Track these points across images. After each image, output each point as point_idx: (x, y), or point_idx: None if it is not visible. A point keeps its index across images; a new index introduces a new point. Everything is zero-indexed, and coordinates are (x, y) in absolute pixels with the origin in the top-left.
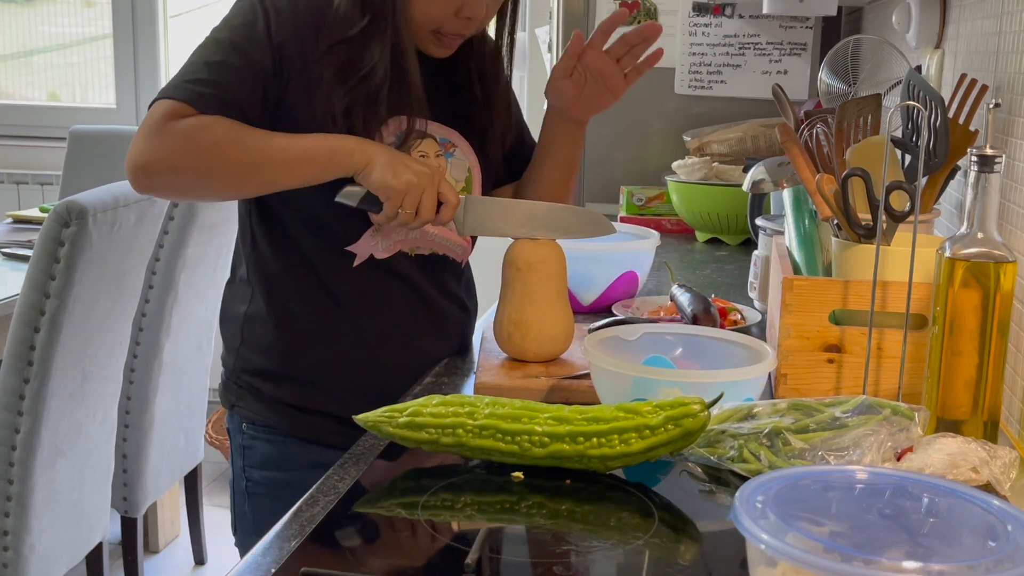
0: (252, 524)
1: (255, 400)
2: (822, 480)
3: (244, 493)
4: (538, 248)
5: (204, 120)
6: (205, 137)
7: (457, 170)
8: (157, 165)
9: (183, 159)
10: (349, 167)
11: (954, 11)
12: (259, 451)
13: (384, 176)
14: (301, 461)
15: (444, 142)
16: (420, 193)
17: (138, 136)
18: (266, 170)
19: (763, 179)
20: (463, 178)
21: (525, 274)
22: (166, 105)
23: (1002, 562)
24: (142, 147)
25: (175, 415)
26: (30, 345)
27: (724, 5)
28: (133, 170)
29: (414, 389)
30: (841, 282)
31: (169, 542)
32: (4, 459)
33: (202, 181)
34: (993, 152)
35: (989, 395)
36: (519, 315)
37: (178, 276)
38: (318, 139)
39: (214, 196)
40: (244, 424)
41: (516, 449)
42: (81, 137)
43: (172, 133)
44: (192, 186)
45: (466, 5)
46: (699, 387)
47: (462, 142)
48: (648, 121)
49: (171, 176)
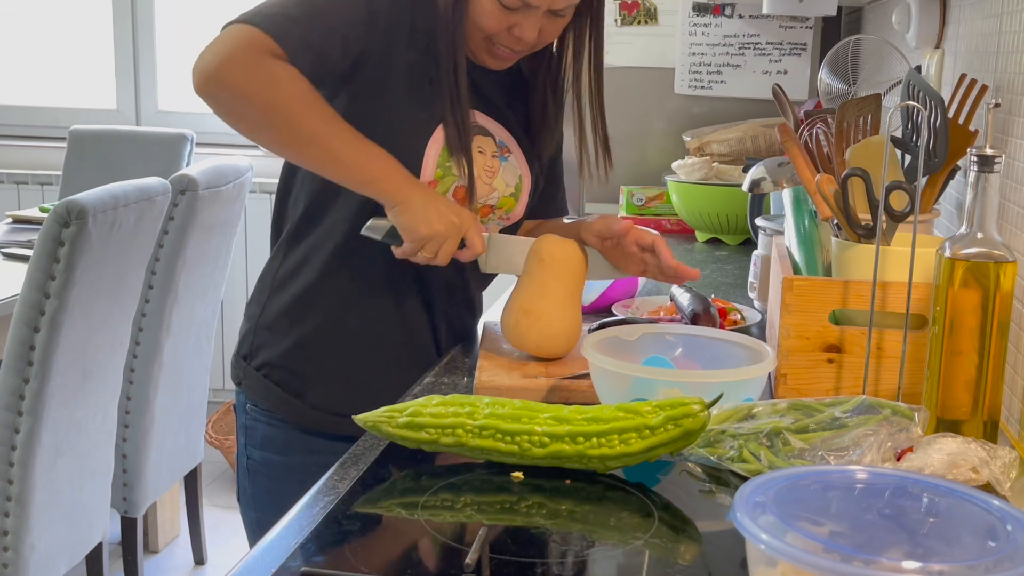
0: (252, 499)
1: (261, 383)
2: (822, 480)
3: (245, 469)
4: (564, 246)
5: (292, 74)
6: (285, 90)
7: (509, 175)
8: (230, 86)
9: (255, 97)
10: (384, 198)
11: (954, 11)
12: (260, 432)
13: (414, 221)
14: (299, 447)
15: (502, 145)
16: (442, 242)
17: (219, 47)
18: (316, 151)
19: (763, 179)
20: (514, 184)
21: (547, 266)
22: (252, 33)
23: (1002, 562)
24: (224, 58)
25: (175, 415)
26: (30, 345)
27: (724, 5)
28: (206, 76)
29: (414, 389)
30: (841, 282)
31: (169, 542)
32: (4, 459)
33: (257, 122)
34: (993, 152)
35: (989, 395)
36: (531, 304)
37: (178, 276)
38: (375, 155)
39: (256, 139)
40: (248, 405)
41: (516, 449)
42: (81, 137)
43: (259, 68)
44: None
45: (517, 25)
46: (699, 387)
47: (517, 150)
48: (648, 121)
49: (236, 101)
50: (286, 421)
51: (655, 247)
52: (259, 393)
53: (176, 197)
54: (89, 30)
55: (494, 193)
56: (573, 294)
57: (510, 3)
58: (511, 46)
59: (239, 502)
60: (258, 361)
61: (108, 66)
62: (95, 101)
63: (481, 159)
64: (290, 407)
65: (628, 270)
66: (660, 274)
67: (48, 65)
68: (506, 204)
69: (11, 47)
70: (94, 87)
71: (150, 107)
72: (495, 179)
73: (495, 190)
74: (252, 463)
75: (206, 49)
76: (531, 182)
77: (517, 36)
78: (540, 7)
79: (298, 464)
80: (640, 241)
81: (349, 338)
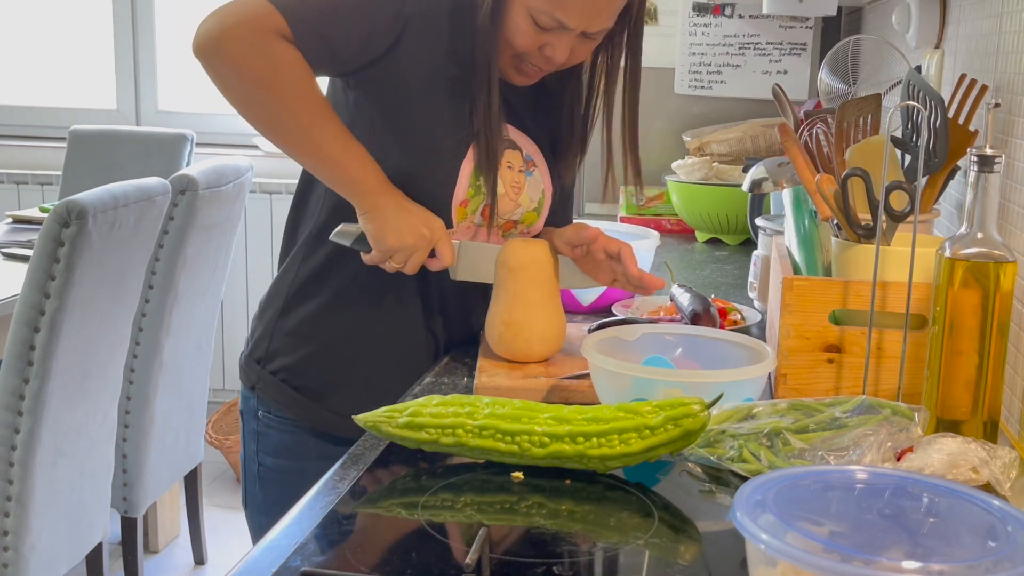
0: (262, 505)
1: (278, 388)
2: (822, 480)
3: (256, 476)
4: (529, 248)
5: (293, 58)
6: (282, 74)
7: (533, 190)
8: (229, 56)
9: (251, 73)
10: (357, 201)
11: (954, 11)
12: (273, 439)
13: (383, 231)
14: (313, 452)
15: (528, 159)
16: (411, 254)
17: (228, 14)
18: (299, 140)
19: (763, 179)
20: (537, 199)
21: (517, 274)
22: (265, 7)
23: (1002, 562)
24: (229, 25)
25: (175, 415)
26: (30, 345)
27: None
28: (207, 40)
29: (414, 389)
30: (841, 282)
31: (169, 542)
32: (4, 459)
33: (246, 99)
34: (993, 152)
35: (989, 395)
36: (510, 315)
37: (178, 276)
38: (356, 156)
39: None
40: (261, 411)
41: (516, 449)
42: (81, 137)
43: (261, 45)
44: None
45: (548, 45)
46: (699, 387)
47: (542, 164)
48: (648, 121)
49: (230, 73)
50: (301, 427)
51: (621, 255)
52: (275, 397)
53: (176, 197)
54: (89, 30)
55: (519, 209)
56: (548, 294)
57: (545, 23)
58: (540, 65)
59: (245, 508)
60: (275, 365)
61: (108, 66)
62: (95, 101)
63: (509, 174)
64: (308, 411)
65: (599, 279)
66: (627, 283)
67: (48, 65)
68: (528, 219)
69: (11, 47)
70: (94, 87)
71: (150, 107)
72: (521, 195)
73: (520, 206)
74: (264, 470)
75: (216, 10)
76: (552, 197)
77: (548, 56)
78: (575, 30)
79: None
80: (607, 249)
81: (374, 344)
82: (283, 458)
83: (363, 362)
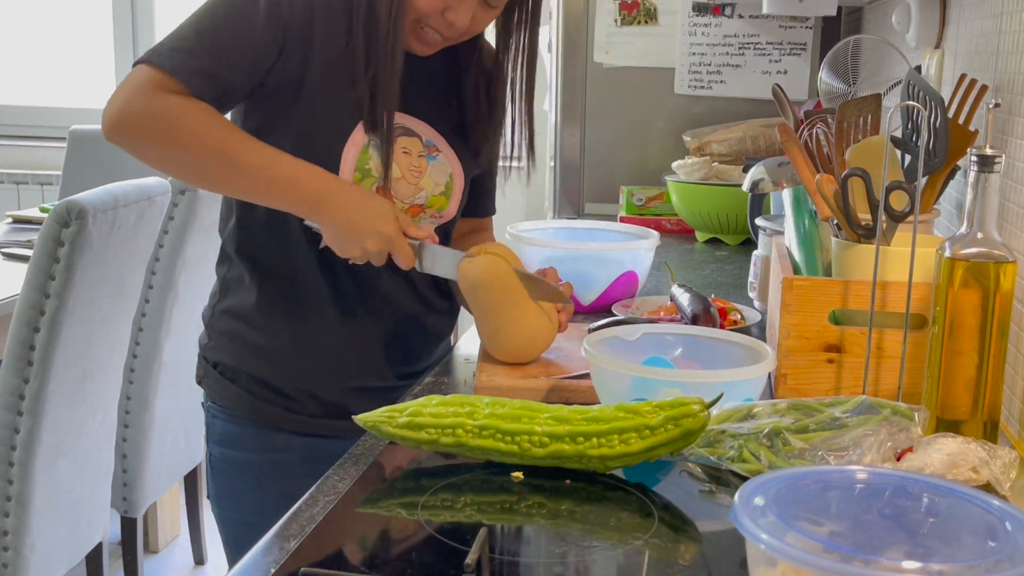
0: (215, 496)
1: (216, 379)
2: (822, 480)
3: (209, 465)
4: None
5: (189, 105)
6: (184, 123)
7: (438, 174)
8: (130, 129)
9: (154, 135)
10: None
11: (954, 11)
12: (218, 429)
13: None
14: (254, 444)
15: (429, 144)
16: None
17: (120, 92)
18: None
19: (763, 179)
20: (443, 183)
21: (476, 294)
22: (148, 72)
23: (1002, 562)
24: (121, 104)
25: (175, 415)
26: (30, 345)
27: (724, 5)
28: (108, 122)
29: (414, 389)
30: (841, 282)
31: (169, 542)
32: (4, 459)
33: (161, 159)
34: (993, 152)
35: (989, 395)
36: (487, 334)
37: (178, 276)
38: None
39: (175, 175)
40: (208, 402)
41: (516, 449)
42: (81, 137)
43: (154, 106)
44: (150, 157)
45: (451, 8)
46: (699, 387)
47: (447, 148)
48: (648, 121)
49: (138, 143)
50: (241, 417)
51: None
52: (215, 388)
53: (176, 197)
54: (89, 30)
55: (421, 193)
56: (515, 301)
57: None
58: (441, 30)
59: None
60: (215, 357)
61: (108, 66)
62: (95, 101)
63: (406, 159)
64: (243, 402)
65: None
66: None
67: (48, 65)
68: (437, 203)
69: (11, 47)
70: (94, 87)
71: None
72: (422, 178)
73: (422, 190)
74: (214, 460)
75: (112, 95)
76: (464, 180)
77: (450, 20)
78: None
79: (253, 461)
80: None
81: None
82: (228, 447)
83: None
